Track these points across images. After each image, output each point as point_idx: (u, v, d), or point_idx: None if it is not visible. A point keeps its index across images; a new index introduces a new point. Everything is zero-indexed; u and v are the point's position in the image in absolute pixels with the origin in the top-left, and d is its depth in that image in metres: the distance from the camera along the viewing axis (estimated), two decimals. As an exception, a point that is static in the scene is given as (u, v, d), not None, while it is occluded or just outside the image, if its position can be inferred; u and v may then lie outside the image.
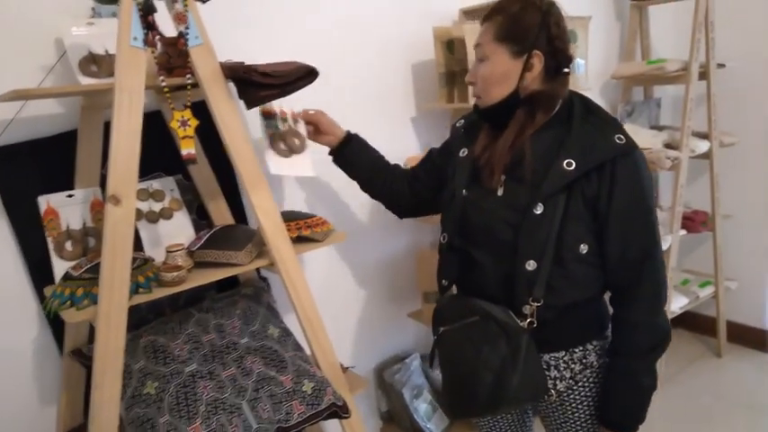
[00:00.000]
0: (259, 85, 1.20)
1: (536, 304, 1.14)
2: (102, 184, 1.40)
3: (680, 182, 2.36)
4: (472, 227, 1.23)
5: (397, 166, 1.53)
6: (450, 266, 1.28)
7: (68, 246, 1.33)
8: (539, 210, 1.12)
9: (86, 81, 1.28)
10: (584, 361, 1.22)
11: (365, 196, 1.90)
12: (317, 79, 1.34)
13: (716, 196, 2.59)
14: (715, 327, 2.78)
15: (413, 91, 2.00)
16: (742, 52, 2.59)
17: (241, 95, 1.23)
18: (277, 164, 1.37)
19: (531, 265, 1.13)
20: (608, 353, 1.23)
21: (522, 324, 1.14)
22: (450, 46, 1.83)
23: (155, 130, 1.36)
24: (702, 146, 2.46)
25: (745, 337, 2.85)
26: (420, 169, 1.48)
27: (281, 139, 1.40)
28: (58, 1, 1.34)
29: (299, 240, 1.42)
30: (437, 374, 2.00)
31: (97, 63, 1.30)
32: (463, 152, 1.28)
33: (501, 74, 1.14)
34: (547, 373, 1.21)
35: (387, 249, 2.03)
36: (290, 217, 1.46)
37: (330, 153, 1.51)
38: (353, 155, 1.49)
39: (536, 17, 1.12)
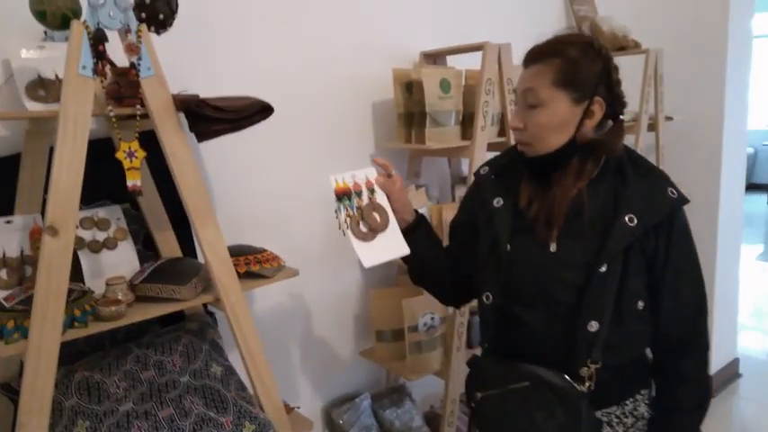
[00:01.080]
0: (211, 118, 1.19)
1: (594, 366, 1.07)
2: (45, 210, 1.35)
3: (629, 228, 2.43)
4: (521, 285, 1.14)
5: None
6: (494, 328, 1.19)
7: (3, 274, 1.27)
8: (603, 268, 1.06)
9: (33, 105, 1.25)
10: (635, 413, 1.17)
11: (319, 229, 1.90)
12: (277, 114, 1.34)
13: (664, 243, 2.67)
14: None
15: (372, 128, 2.02)
16: (688, 106, 2.73)
17: (192, 128, 1.21)
18: (366, 254, 1.19)
19: (593, 326, 1.06)
20: (658, 409, 1.18)
21: (580, 388, 1.07)
22: (410, 87, 1.87)
23: (104, 156, 1.33)
24: (651, 194, 2.55)
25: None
26: (453, 247, 1.32)
27: (358, 220, 1.22)
28: (9, 21, 1.31)
29: (247, 276, 1.39)
30: (387, 414, 1.97)
31: (45, 87, 1.27)
32: (498, 201, 1.18)
33: (560, 122, 1.07)
34: (600, 431, 1.15)
35: (340, 285, 2.01)
36: (239, 251, 1.44)
37: None
38: (415, 244, 1.26)
39: (598, 62, 1.07)
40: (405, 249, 1.24)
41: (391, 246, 1.23)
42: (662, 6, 2.82)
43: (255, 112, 1.26)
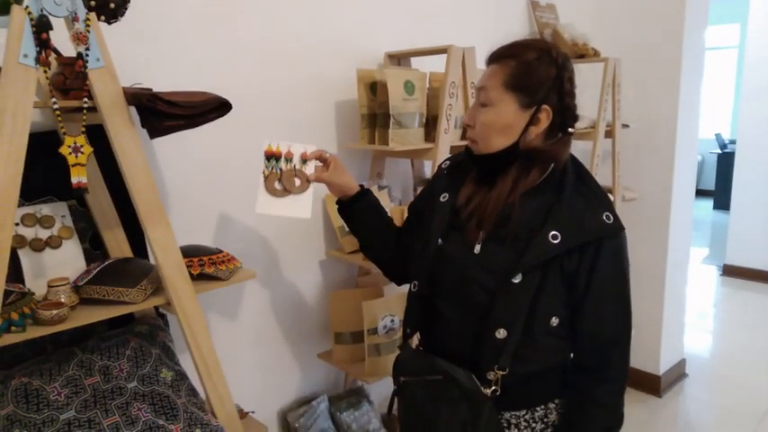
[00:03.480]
0: (164, 114, 1.14)
1: (501, 372, 1.08)
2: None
3: (586, 232, 2.48)
4: (444, 279, 1.16)
5: (400, 230, 1.40)
6: (416, 315, 1.22)
7: (-67, 274, 1.19)
8: (517, 279, 1.06)
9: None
10: (545, 419, 1.17)
11: (276, 230, 1.86)
12: (237, 111, 1.30)
13: (618, 247, 2.74)
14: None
15: (335, 128, 1.99)
16: (644, 114, 2.80)
17: (144, 124, 1.16)
18: (264, 203, 1.30)
19: (501, 334, 1.07)
20: (565, 427, 1.17)
21: (485, 391, 1.09)
22: (374, 88, 1.84)
23: (49, 150, 1.26)
24: (607, 199, 2.61)
25: (640, 382, 3.00)
26: (405, 232, 1.37)
27: (276, 178, 1.31)
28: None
29: (201, 278, 1.34)
30: (344, 417, 1.95)
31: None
32: (444, 197, 1.20)
33: (505, 124, 1.07)
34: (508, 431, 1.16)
35: (299, 287, 1.97)
36: (193, 252, 1.39)
37: (337, 203, 1.39)
38: (358, 212, 1.36)
39: (552, 70, 1.06)
40: (306, 214, 1.33)
41: (294, 207, 1.33)
42: (621, 16, 2.89)
43: (212, 108, 1.21)
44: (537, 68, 1.06)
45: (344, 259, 1.95)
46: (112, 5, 1.11)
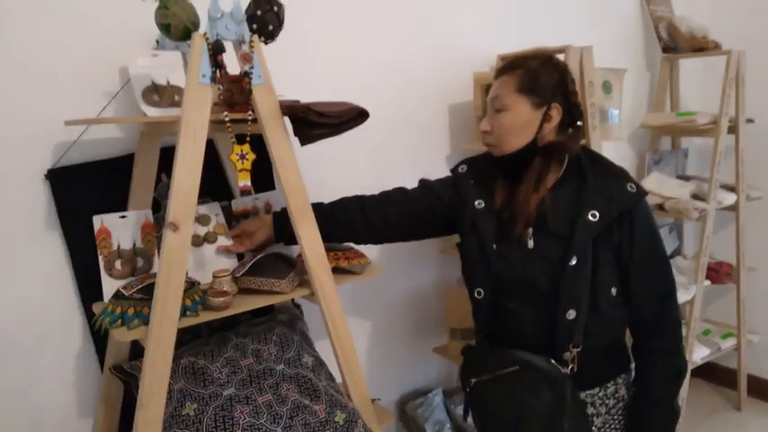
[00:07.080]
0: (314, 123, 1.26)
1: (576, 350, 1.19)
2: (153, 206, 1.46)
3: (706, 233, 2.38)
4: (508, 280, 1.26)
5: (354, 202, 1.46)
6: (486, 319, 1.32)
7: (118, 265, 1.38)
8: (573, 261, 1.18)
9: (148, 109, 1.35)
10: (616, 395, 1.30)
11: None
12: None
13: (741, 249, 2.59)
14: (735, 379, 2.75)
15: (448, 130, 2.06)
16: (770, 108, 2.63)
17: (296, 133, 1.28)
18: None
19: (571, 315, 1.18)
20: (636, 383, 1.29)
21: (564, 371, 1.19)
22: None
23: (204, 157, 1.42)
24: (729, 198, 2.48)
25: (766, 391, 2.82)
26: (418, 202, 1.42)
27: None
28: (126, 32, 1.43)
29: (335, 271, 1.46)
30: (459, 410, 2.01)
31: (159, 93, 1.37)
32: (479, 203, 1.30)
33: (521, 124, 1.21)
34: (584, 410, 1.25)
35: (415, 283, 2.06)
36: (328, 248, 1.50)
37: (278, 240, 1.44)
38: (289, 236, 1.40)
39: (555, 74, 1.21)
40: None
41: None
42: (742, 6, 2.72)
43: (353, 117, 1.32)
44: (542, 74, 1.20)
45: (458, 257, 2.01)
46: (270, 27, 1.24)
